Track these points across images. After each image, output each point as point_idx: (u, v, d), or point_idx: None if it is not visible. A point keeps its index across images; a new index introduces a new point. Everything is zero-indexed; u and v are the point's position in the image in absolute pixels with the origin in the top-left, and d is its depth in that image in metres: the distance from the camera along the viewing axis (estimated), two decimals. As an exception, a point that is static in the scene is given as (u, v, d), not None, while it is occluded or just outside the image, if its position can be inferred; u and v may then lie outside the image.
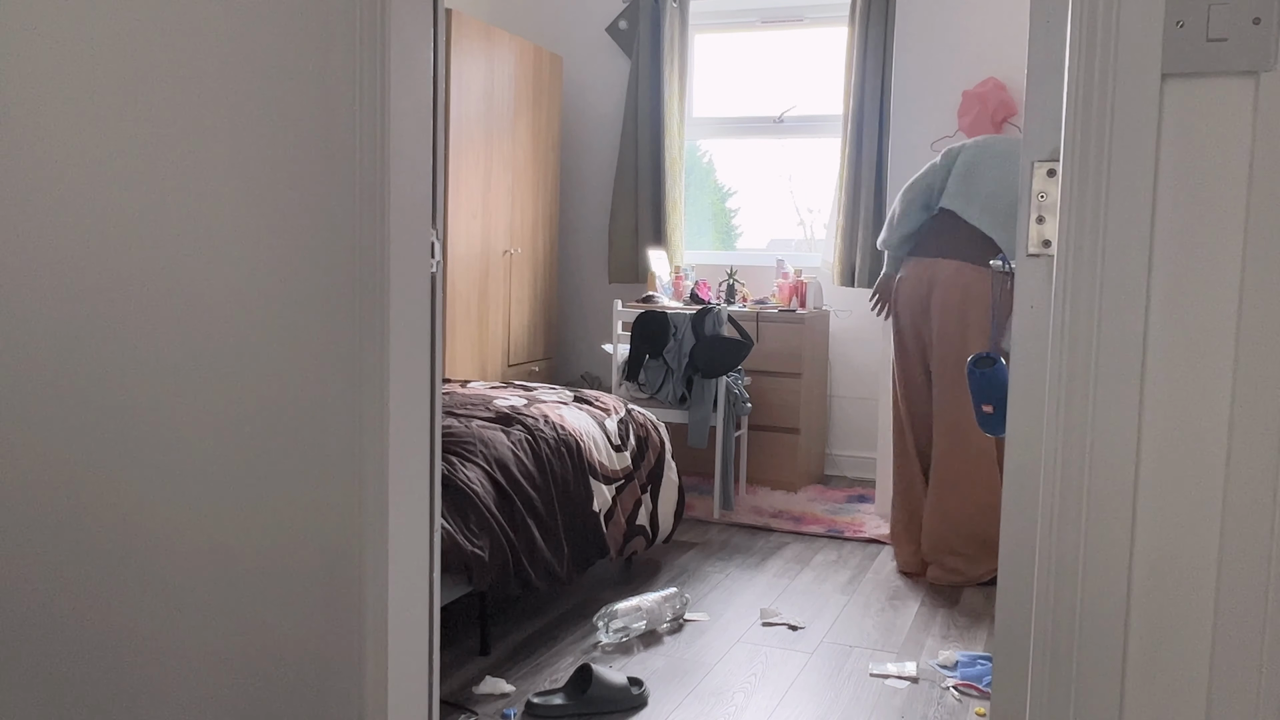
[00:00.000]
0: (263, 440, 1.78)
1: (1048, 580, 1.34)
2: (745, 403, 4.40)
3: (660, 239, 5.14)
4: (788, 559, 3.83)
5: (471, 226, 4.49)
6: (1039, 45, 1.37)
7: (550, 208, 5.15)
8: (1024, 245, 1.40)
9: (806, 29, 5.08)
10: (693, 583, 3.50)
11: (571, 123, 5.39)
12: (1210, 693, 1.29)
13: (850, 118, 4.75)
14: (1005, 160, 3.41)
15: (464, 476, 2.73)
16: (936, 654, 2.93)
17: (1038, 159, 1.37)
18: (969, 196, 3.42)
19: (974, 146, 3.50)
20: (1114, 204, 1.28)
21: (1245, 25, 1.22)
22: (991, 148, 3.48)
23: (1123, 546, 1.31)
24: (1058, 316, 1.31)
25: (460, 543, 2.58)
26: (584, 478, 3.15)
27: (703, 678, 2.73)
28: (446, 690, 2.56)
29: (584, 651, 2.88)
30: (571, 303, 5.49)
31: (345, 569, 1.73)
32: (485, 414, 3.13)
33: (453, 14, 4.23)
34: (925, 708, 2.59)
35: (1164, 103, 1.25)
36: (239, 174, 1.75)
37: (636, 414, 3.62)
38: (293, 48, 1.69)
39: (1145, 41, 1.25)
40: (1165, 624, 1.30)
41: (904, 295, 3.55)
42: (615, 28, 5.22)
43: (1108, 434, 1.30)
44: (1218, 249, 1.25)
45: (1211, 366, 1.26)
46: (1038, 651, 1.36)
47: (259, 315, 1.76)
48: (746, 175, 5.38)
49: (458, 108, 4.32)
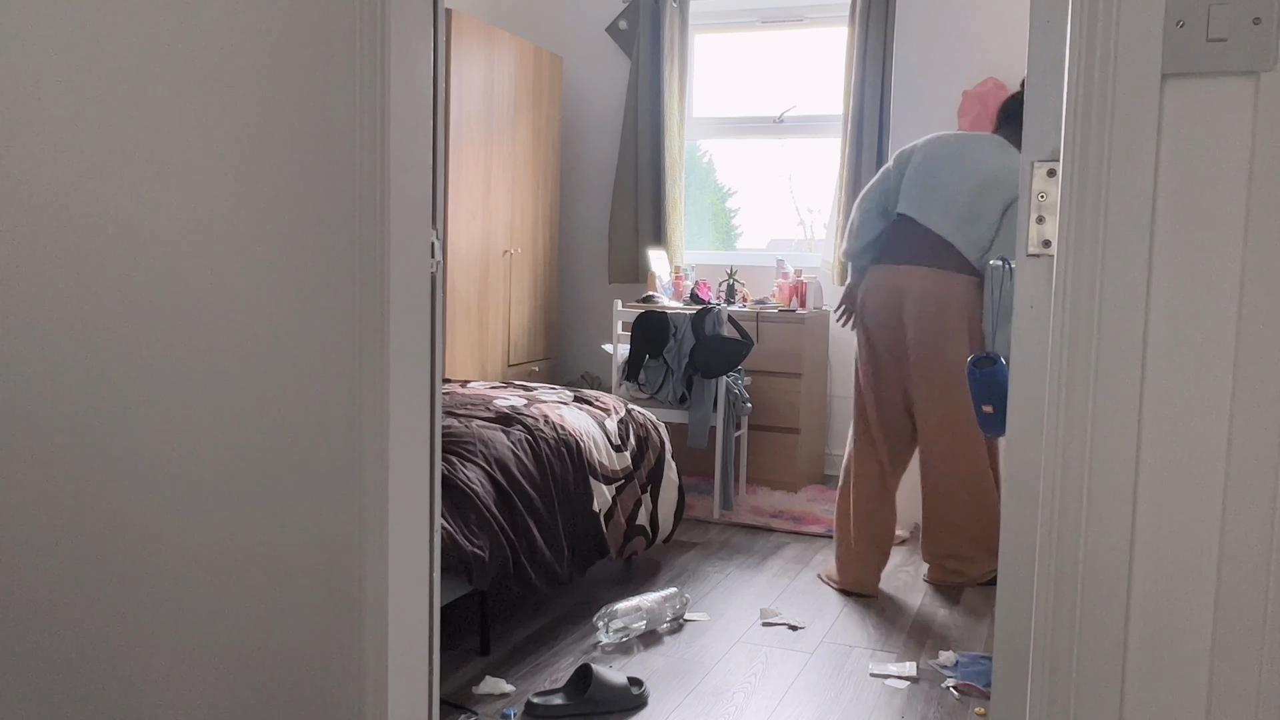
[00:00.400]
0: (262, 440, 1.78)
1: (1048, 580, 1.34)
2: (745, 403, 4.40)
3: (660, 239, 5.14)
4: (788, 559, 3.83)
5: (471, 226, 4.49)
6: (1039, 45, 1.37)
7: (550, 208, 5.15)
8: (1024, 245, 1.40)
9: (806, 29, 5.08)
10: (693, 583, 3.50)
11: (571, 123, 5.39)
12: (1210, 693, 1.29)
13: (850, 118, 4.76)
14: (958, 161, 3.36)
15: (464, 476, 2.73)
16: (936, 654, 2.93)
17: (1038, 159, 1.37)
18: (925, 201, 3.37)
19: (926, 147, 3.44)
20: (1114, 204, 1.28)
21: (1245, 25, 1.22)
22: (944, 148, 3.41)
23: (1123, 547, 1.31)
24: (1058, 316, 1.31)
25: (460, 543, 2.58)
26: (584, 478, 3.15)
27: (703, 678, 2.73)
28: (446, 690, 2.56)
29: (584, 651, 2.88)
30: (571, 303, 5.49)
31: (345, 569, 1.73)
32: (485, 414, 3.13)
33: (453, 14, 4.23)
34: (925, 708, 2.59)
35: (1164, 103, 1.25)
36: (238, 174, 1.75)
37: (636, 414, 3.62)
38: (293, 48, 1.69)
39: (1145, 41, 1.25)
40: (1165, 624, 1.30)
41: (873, 304, 3.45)
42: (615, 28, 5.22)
43: (1108, 434, 1.30)
44: (1218, 249, 1.25)
45: (1211, 366, 1.26)
46: (1038, 651, 1.36)
47: (258, 315, 1.76)
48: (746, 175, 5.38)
49: (458, 108, 4.32)
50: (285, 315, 1.74)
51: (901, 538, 4.11)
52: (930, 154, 3.42)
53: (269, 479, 1.78)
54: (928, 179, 3.38)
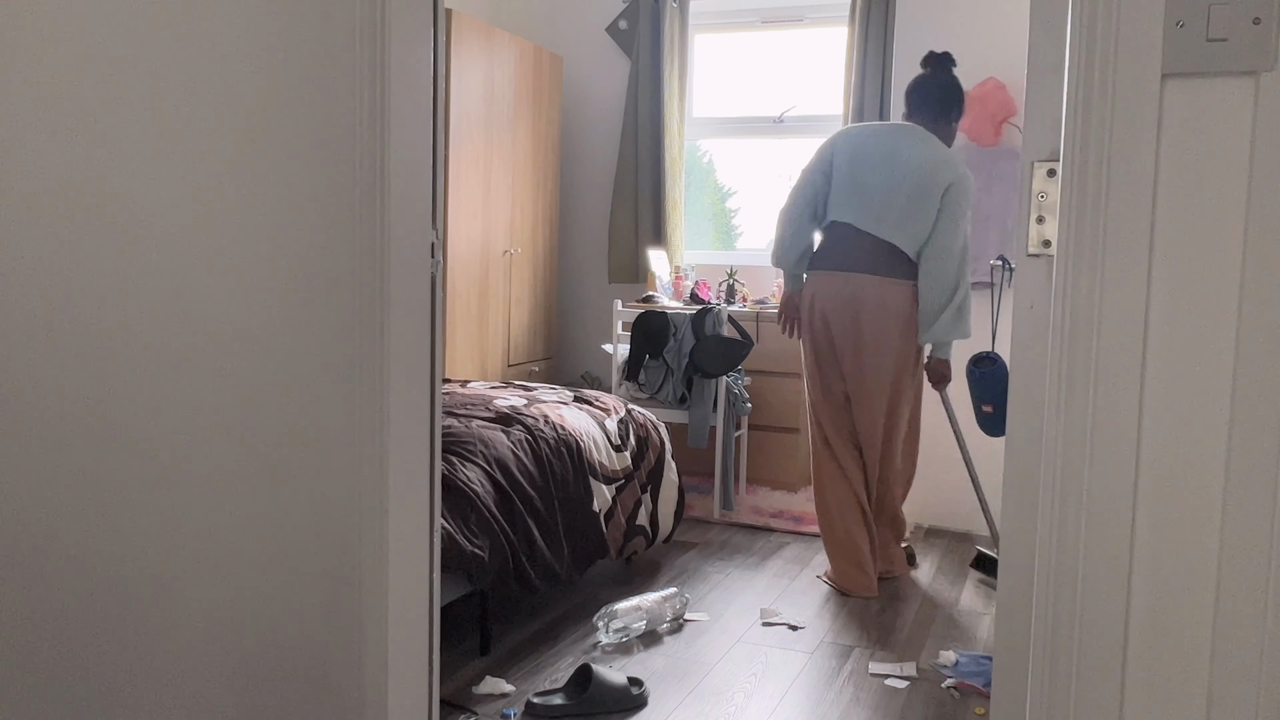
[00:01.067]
0: (263, 440, 1.77)
1: (1048, 580, 1.34)
2: (745, 403, 4.40)
3: (660, 239, 5.14)
4: (788, 559, 3.83)
5: (471, 226, 4.49)
6: (1039, 45, 1.37)
7: (550, 208, 5.15)
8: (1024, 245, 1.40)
9: (806, 29, 5.08)
10: (693, 583, 3.50)
11: (571, 123, 5.39)
12: (1210, 693, 1.29)
13: (850, 118, 4.75)
14: (889, 162, 3.35)
15: (464, 476, 2.73)
16: (936, 654, 2.93)
17: (1038, 159, 1.37)
18: (862, 206, 3.36)
19: (846, 148, 3.42)
20: (1114, 204, 1.28)
21: (1245, 25, 1.22)
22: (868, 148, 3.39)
23: (1123, 546, 1.31)
24: (1058, 316, 1.31)
25: (460, 543, 2.58)
26: (584, 478, 3.15)
27: (703, 678, 2.73)
28: (446, 690, 2.56)
29: (584, 651, 2.88)
30: (571, 303, 5.49)
31: (345, 569, 1.73)
32: (485, 414, 3.13)
33: (453, 14, 4.23)
34: (925, 708, 2.59)
35: (1164, 103, 1.26)
36: (238, 174, 1.75)
37: (636, 414, 3.61)
38: (293, 48, 1.69)
39: (1145, 41, 1.25)
40: (1165, 624, 1.30)
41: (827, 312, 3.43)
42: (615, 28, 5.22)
43: (1108, 434, 1.30)
44: (1218, 249, 1.25)
45: (1211, 366, 1.26)
46: (1038, 651, 1.36)
47: (258, 315, 1.76)
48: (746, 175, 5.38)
49: (458, 108, 4.31)
50: (285, 315, 1.74)
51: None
52: (856, 156, 3.39)
53: (269, 479, 1.78)
54: (859, 183, 3.36)
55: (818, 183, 3.45)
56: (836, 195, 3.41)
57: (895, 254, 3.35)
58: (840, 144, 3.44)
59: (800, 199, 3.48)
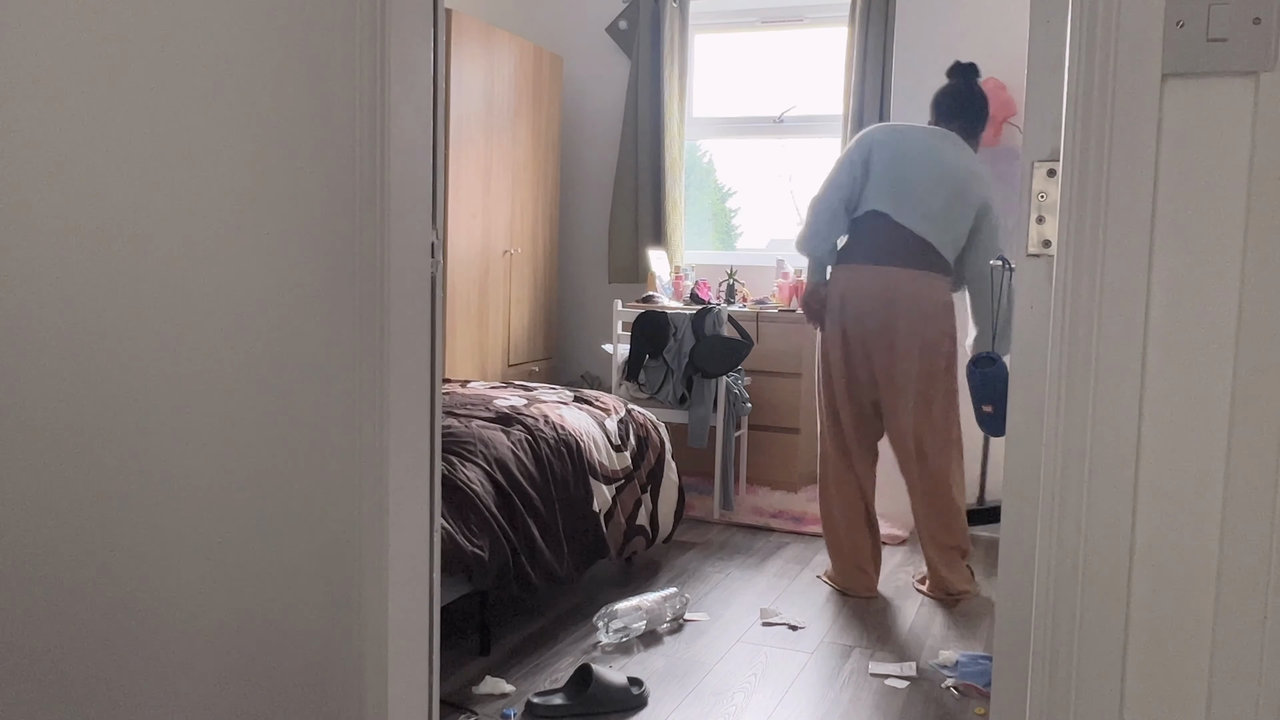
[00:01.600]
0: (262, 440, 1.77)
1: (1048, 580, 1.34)
2: (745, 403, 4.40)
3: (660, 239, 5.14)
4: (788, 559, 3.83)
5: (471, 226, 4.49)
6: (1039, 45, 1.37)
7: (550, 208, 5.15)
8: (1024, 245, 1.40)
9: (806, 29, 5.08)
10: (693, 583, 3.50)
11: (571, 123, 5.39)
12: (1210, 693, 1.29)
13: (850, 118, 4.75)
14: (929, 160, 3.32)
15: (464, 476, 2.73)
16: (936, 654, 2.93)
17: (1038, 159, 1.37)
18: (901, 200, 3.32)
19: (888, 142, 3.38)
20: (1114, 204, 1.28)
21: (1245, 25, 1.22)
22: (909, 145, 3.36)
23: (1123, 547, 1.31)
24: (1058, 316, 1.31)
25: (460, 543, 2.58)
26: (584, 478, 3.15)
27: (703, 678, 2.73)
28: (446, 690, 2.56)
29: (584, 651, 2.88)
30: (571, 303, 5.49)
31: (345, 569, 1.73)
32: (485, 414, 3.13)
33: (453, 14, 4.23)
34: (925, 708, 2.59)
35: (1164, 103, 1.26)
36: (238, 174, 1.75)
37: (636, 414, 3.62)
38: (293, 48, 1.69)
39: (1145, 41, 1.25)
40: (1165, 624, 1.30)
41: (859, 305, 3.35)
42: (615, 28, 5.22)
43: (1108, 434, 1.30)
44: (1218, 249, 1.25)
45: (1211, 366, 1.26)
46: (1038, 651, 1.36)
47: (258, 315, 1.76)
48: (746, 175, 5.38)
49: (458, 108, 4.32)
50: (285, 315, 1.74)
51: (901, 538, 4.11)
52: (897, 151, 3.36)
53: (268, 479, 1.78)
54: (900, 177, 3.33)
55: (856, 173, 3.39)
56: (874, 187, 3.36)
57: (929, 250, 3.31)
58: (880, 137, 3.40)
59: (835, 188, 3.40)
